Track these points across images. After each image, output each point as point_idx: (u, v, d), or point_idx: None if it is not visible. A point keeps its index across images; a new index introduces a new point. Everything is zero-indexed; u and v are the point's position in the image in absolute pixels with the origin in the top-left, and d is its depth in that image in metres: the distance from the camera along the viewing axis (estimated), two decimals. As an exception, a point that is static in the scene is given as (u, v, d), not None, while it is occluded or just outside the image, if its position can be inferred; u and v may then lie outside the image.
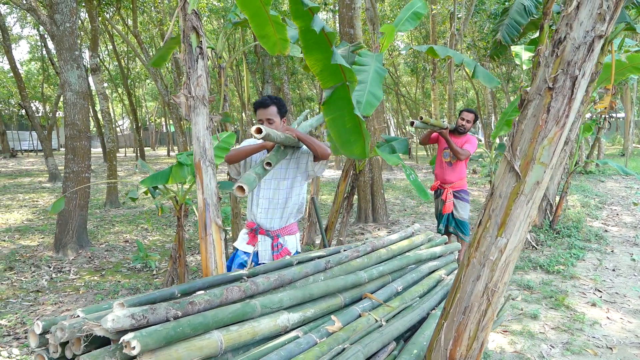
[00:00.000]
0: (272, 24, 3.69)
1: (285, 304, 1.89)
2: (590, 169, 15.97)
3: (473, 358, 1.64)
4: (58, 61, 6.88)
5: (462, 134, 5.46)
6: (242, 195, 2.29)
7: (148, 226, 8.73)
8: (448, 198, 5.48)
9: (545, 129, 1.48)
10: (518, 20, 6.98)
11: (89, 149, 7.05)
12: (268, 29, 3.72)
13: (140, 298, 1.64)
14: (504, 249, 1.56)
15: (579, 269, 5.59)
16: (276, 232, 3.03)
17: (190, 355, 1.49)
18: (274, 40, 3.83)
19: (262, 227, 3.05)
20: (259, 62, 12.49)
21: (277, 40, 3.81)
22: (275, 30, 3.75)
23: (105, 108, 11.31)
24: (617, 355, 3.54)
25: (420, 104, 25.54)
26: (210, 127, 2.89)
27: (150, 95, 40.19)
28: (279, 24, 3.73)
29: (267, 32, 3.74)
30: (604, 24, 1.42)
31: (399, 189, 13.73)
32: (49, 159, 16.01)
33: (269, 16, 3.61)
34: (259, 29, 3.73)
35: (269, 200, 3.06)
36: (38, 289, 5.32)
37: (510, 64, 16.28)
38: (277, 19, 3.71)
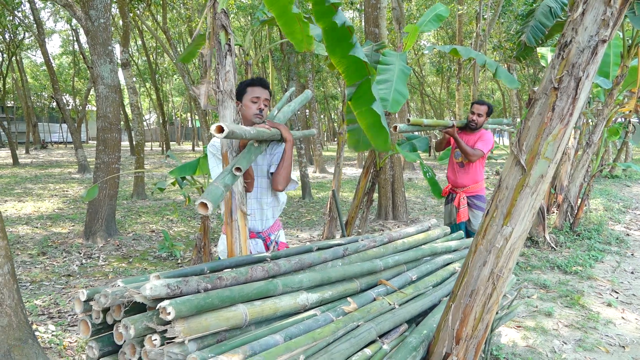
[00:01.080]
0: (299, 21, 3.85)
1: (305, 285, 2.04)
2: (617, 173, 15.75)
3: (478, 338, 1.76)
4: (92, 55, 7.16)
5: (475, 130, 4.83)
6: (206, 213, 1.98)
7: (175, 217, 8.99)
8: (461, 204, 4.84)
9: (550, 126, 1.59)
10: (543, 22, 6.99)
11: (119, 141, 7.31)
12: (295, 26, 3.88)
13: (174, 272, 1.81)
14: (509, 237, 1.67)
15: (596, 270, 5.62)
16: (267, 232, 2.91)
17: (218, 324, 1.65)
18: (301, 38, 3.98)
19: (252, 231, 2.88)
20: (284, 59, 12.68)
21: (304, 37, 3.97)
22: (302, 28, 3.90)
23: (135, 102, 11.64)
24: (629, 354, 3.60)
25: (445, 104, 25.44)
26: (237, 120, 3.06)
27: (177, 90, 40.84)
28: (303, 22, 3.89)
29: (294, 30, 3.90)
30: (608, 29, 1.52)
31: (421, 188, 13.77)
32: (79, 151, 16.49)
33: (293, 14, 3.76)
34: (286, 27, 3.89)
35: (258, 201, 2.89)
36: (69, 274, 5.58)
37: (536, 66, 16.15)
38: (300, 17, 3.86)
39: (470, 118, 4.78)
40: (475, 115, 4.74)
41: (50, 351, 3.38)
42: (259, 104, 2.80)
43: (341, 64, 4.13)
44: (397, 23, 11.84)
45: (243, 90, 2.83)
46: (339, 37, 3.64)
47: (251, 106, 2.81)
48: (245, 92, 2.82)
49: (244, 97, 2.83)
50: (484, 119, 4.77)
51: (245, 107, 2.82)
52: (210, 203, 1.96)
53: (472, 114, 4.77)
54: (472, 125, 4.78)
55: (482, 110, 4.74)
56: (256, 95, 2.80)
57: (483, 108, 4.75)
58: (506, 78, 5.06)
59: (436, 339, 1.84)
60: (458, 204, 4.85)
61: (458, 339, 1.76)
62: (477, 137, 4.79)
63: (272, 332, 1.69)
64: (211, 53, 2.81)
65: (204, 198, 1.97)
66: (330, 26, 3.56)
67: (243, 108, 2.84)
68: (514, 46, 12.86)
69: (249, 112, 2.81)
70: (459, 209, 4.83)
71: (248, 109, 2.81)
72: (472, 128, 4.79)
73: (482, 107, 4.75)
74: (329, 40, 3.88)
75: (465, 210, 4.82)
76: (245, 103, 2.82)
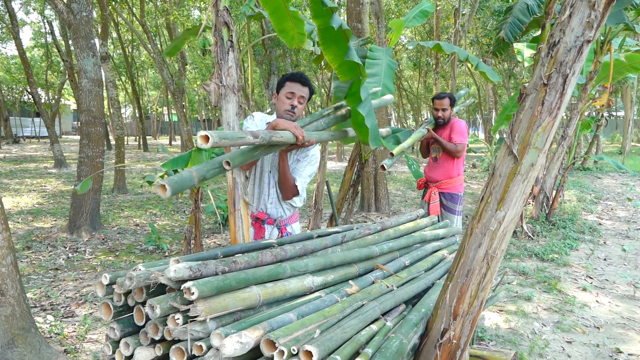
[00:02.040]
0: (292, 19, 3.95)
1: (311, 269, 2.17)
2: (588, 165, 16.26)
3: (473, 314, 1.91)
4: (74, 49, 7.12)
5: (445, 125, 4.76)
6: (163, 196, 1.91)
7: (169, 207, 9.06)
8: (432, 199, 4.71)
9: (540, 119, 1.75)
10: (521, 18, 7.22)
11: (104, 135, 7.30)
12: (287, 24, 3.98)
13: (191, 256, 1.92)
14: (502, 221, 1.83)
15: (572, 257, 5.88)
16: (285, 222, 3.01)
17: (235, 304, 1.77)
18: (292, 35, 4.08)
19: (271, 217, 2.96)
20: (266, 53, 12.73)
21: (296, 34, 4.07)
22: (294, 25, 4.01)
23: (114, 96, 11.55)
24: (603, 334, 3.83)
25: (422, 98, 25.76)
26: (239, 113, 3.16)
27: (152, 84, 40.35)
28: (298, 20, 3.99)
29: (286, 27, 4.00)
30: (592, 31, 1.68)
31: (400, 181, 14.01)
32: (55, 145, 16.25)
33: (288, 12, 3.87)
34: (279, 23, 3.99)
35: (277, 191, 2.97)
36: (56, 267, 5.59)
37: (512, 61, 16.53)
38: (296, 15, 3.97)
39: (435, 115, 4.73)
40: (440, 111, 4.69)
41: (51, 340, 3.44)
42: (292, 100, 2.80)
43: (335, 61, 4.26)
44: (376, 18, 11.99)
45: (282, 84, 2.85)
46: (334, 37, 3.76)
47: (285, 101, 2.81)
48: (283, 86, 2.83)
49: (281, 90, 2.83)
50: (450, 111, 4.70)
51: (279, 101, 2.84)
52: (170, 188, 1.88)
53: (436, 110, 4.71)
54: (440, 122, 4.73)
55: (445, 104, 4.67)
56: (292, 90, 2.80)
57: (445, 102, 4.67)
58: (488, 72, 5.25)
59: (434, 315, 1.99)
60: (429, 199, 4.75)
61: (455, 315, 1.91)
62: (448, 129, 4.72)
63: (286, 311, 1.82)
64: (216, 49, 2.90)
65: (166, 181, 1.88)
66: (326, 25, 3.69)
67: (278, 102, 2.85)
68: (491, 41, 13.15)
69: (282, 106, 2.82)
70: (429, 203, 4.72)
71: (282, 103, 2.82)
72: (442, 124, 4.74)
73: (444, 101, 4.68)
74: (323, 38, 4.00)
75: (436, 206, 4.69)
76: (280, 97, 2.83)
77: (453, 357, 1.92)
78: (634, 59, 7.83)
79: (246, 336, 1.55)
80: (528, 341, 3.66)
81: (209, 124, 46.28)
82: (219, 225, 7.58)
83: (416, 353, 2.01)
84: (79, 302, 4.43)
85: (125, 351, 1.88)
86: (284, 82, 2.85)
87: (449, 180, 4.73)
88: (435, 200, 4.70)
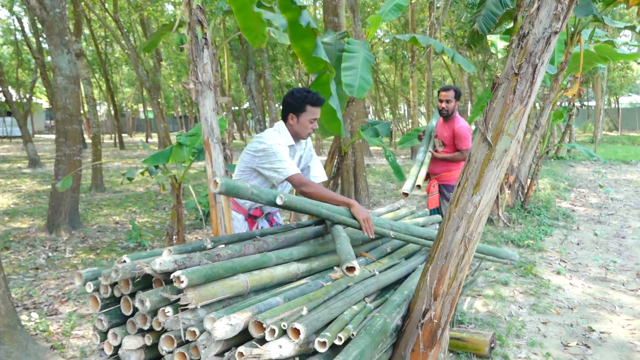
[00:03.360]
0: (256, 19, 4.00)
1: (295, 257, 2.24)
2: (562, 154, 16.63)
3: (453, 295, 2.00)
4: (48, 46, 7.03)
5: (448, 118, 4.72)
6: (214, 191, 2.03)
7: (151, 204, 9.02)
8: (431, 191, 4.77)
9: (512, 107, 1.84)
10: (494, 11, 7.35)
11: (81, 133, 7.24)
12: (252, 22, 4.03)
13: (180, 248, 1.97)
14: (478, 205, 1.92)
15: (546, 243, 6.07)
16: (273, 213, 3.15)
17: (223, 291, 1.82)
18: (255, 34, 4.14)
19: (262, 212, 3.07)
20: (243, 48, 12.69)
21: (258, 34, 4.14)
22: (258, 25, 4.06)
23: (90, 93, 11.41)
24: (577, 314, 3.99)
25: (399, 91, 25.96)
26: (216, 109, 3.20)
27: (127, 81, 39.78)
28: (261, 21, 4.06)
29: (251, 26, 4.06)
30: (559, 22, 1.77)
31: (379, 173, 14.14)
32: (29, 145, 15.95)
33: (253, 13, 3.92)
34: (244, 22, 4.04)
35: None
36: (37, 267, 5.55)
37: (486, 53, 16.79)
38: (259, 15, 4.03)
39: (440, 107, 4.68)
40: (444, 103, 4.64)
41: (37, 337, 3.44)
42: (314, 124, 2.89)
43: (303, 55, 4.33)
44: (352, 11, 12.06)
45: (302, 108, 2.84)
46: (302, 33, 3.84)
47: (308, 125, 2.88)
48: (304, 111, 2.84)
49: (302, 114, 2.84)
50: (454, 104, 4.66)
51: (300, 125, 2.87)
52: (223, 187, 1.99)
53: (440, 102, 4.67)
54: (443, 114, 4.69)
55: (449, 96, 4.63)
56: (315, 117, 2.87)
57: (450, 93, 4.64)
58: (463, 63, 5.36)
59: (416, 297, 2.08)
60: (428, 191, 4.80)
61: (436, 296, 1.99)
62: (451, 128, 4.66)
63: (273, 296, 1.88)
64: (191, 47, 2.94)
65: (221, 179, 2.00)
66: (295, 20, 3.76)
67: (298, 124, 2.87)
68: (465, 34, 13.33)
69: (305, 131, 2.90)
70: (429, 195, 4.79)
71: (304, 128, 2.88)
72: (445, 116, 4.71)
73: (449, 93, 4.64)
74: (292, 32, 4.07)
75: (435, 198, 4.73)
76: (301, 121, 2.86)
77: (434, 336, 2.01)
78: (603, 50, 8.06)
79: (235, 318, 1.62)
80: (505, 323, 3.78)
81: (186, 120, 45.89)
82: (200, 221, 7.59)
83: (399, 334, 2.09)
84: (62, 300, 4.42)
85: (113, 341, 1.93)
86: (303, 106, 2.84)
87: (448, 174, 4.76)
88: (434, 193, 4.72)
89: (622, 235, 6.52)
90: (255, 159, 2.79)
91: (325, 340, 1.62)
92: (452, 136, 4.65)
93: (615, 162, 15.33)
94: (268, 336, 1.60)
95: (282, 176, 2.69)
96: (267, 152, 2.73)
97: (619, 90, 29.94)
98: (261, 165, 2.76)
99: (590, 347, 3.44)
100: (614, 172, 13.12)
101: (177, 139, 4.34)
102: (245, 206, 3.00)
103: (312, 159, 3.17)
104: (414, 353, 2.04)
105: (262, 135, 2.85)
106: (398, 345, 2.10)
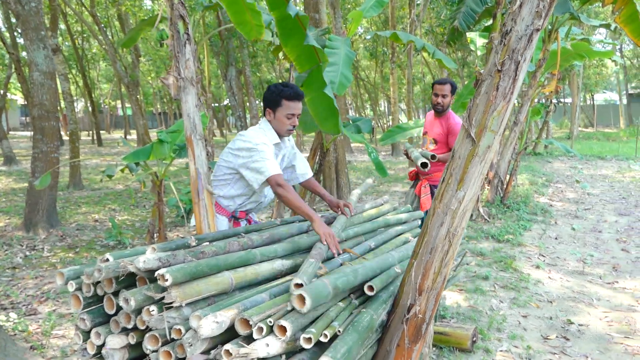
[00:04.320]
0: (249, 11, 3.96)
1: (280, 254, 2.23)
2: (539, 150, 16.89)
3: (437, 289, 2.02)
4: (24, 41, 6.88)
5: (442, 114, 4.34)
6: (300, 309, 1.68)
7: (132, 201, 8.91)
8: (423, 192, 4.36)
9: (495, 103, 1.86)
10: (474, 8, 7.42)
11: (58, 129, 7.11)
12: (245, 16, 3.99)
13: (164, 245, 1.95)
14: (462, 200, 1.93)
15: (525, 238, 6.16)
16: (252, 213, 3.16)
17: (208, 289, 1.81)
18: (250, 26, 4.10)
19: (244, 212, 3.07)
20: (223, 44, 12.60)
21: (254, 26, 4.09)
22: (252, 17, 4.02)
23: (67, 89, 11.21)
24: (556, 307, 4.06)
25: (380, 88, 26.04)
26: (198, 105, 3.17)
27: (104, 77, 39.16)
28: (255, 11, 4.01)
29: (244, 19, 4.02)
30: (541, 20, 1.79)
31: (360, 169, 14.19)
32: (4, 142, 15.61)
33: (245, 4, 3.88)
34: (237, 16, 4.00)
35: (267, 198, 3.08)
36: (14, 266, 5.44)
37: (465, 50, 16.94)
38: (252, 6, 3.98)
39: (434, 101, 4.30)
40: (440, 97, 4.25)
41: (16, 338, 3.38)
42: (293, 120, 2.82)
43: (293, 52, 4.31)
44: (332, 8, 12.06)
45: (278, 102, 2.78)
46: (291, 27, 3.81)
47: (285, 122, 2.81)
48: (280, 105, 2.77)
49: (278, 109, 2.78)
50: (450, 98, 4.29)
51: (278, 121, 2.81)
52: (310, 300, 1.66)
53: (436, 96, 4.27)
54: (438, 109, 4.31)
55: (446, 90, 4.23)
56: (292, 112, 2.79)
57: (447, 87, 4.24)
58: (444, 59, 5.40)
59: (401, 292, 2.09)
60: (419, 192, 4.45)
61: (420, 291, 2.01)
62: (445, 125, 4.31)
63: (259, 293, 1.88)
64: (173, 42, 2.90)
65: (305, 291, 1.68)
66: (283, 16, 3.73)
67: (274, 120, 2.82)
68: (445, 31, 13.44)
69: (282, 127, 2.82)
70: (420, 197, 4.41)
71: (282, 124, 2.81)
72: (439, 111, 4.33)
73: (445, 87, 4.24)
74: (281, 29, 4.03)
75: (428, 199, 4.32)
76: (278, 116, 2.80)
77: (419, 331, 2.03)
78: (580, 47, 8.21)
79: (221, 315, 1.61)
80: (487, 317, 3.84)
81: (165, 117, 45.36)
82: (182, 218, 7.52)
83: (384, 329, 2.11)
84: (41, 299, 4.34)
85: (96, 340, 1.90)
86: (279, 101, 2.77)
87: (438, 174, 4.36)
88: (425, 194, 4.36)
89: (599, 230, 6.66)
90: (239, 159, 2.74)
91: (310, 336, 1.62)
92: (446, 133, 4.30)
93: (591, 157, 15.63)
94: (256, 334, 1.59)
95: (263, 177, 2.63)
96: (251, 152, 2.68)
97: (594, 87, 30.49)
98: (244, 165, 2.71)
99: (569, 339, 3.51)
100: (589, 168, 13.39)
101: (158, 135, 4.29)
102: (229, 208, 2.99)
103: (295, 157, 3.14)
104: (399, 348, 2.06)
105: (246, 133, 2.80)
106: (383, 340, 2.12)
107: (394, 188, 10.81)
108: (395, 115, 16.60)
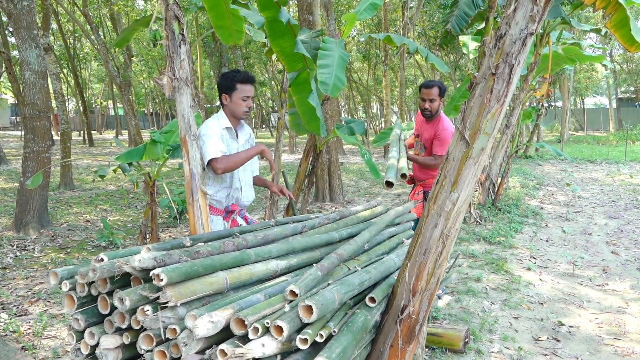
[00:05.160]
0: (230, 16, 3.97)
1: (274, 254, 2.23)
2: (530, 154, 17.01)
3: (431, 290, 2.03)
4: (15, 40, 6.84)
5: (432, 118, 4.11)
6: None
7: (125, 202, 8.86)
8: (416, 199, 4.23)
9: (489, 106, 1.87)
10: (467, 11, 7.48)
11: (50, 129, 7.07)
12: (225, 21, 4.00)
13: (159, 245, 1.95)
14: (456, 202, 1.95)
15: (517, 240, 6.21)
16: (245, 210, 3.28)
17: (203, 289, 1.81)
18: (230, 32, 4.11)
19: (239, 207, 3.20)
20: (216, 45, 12.58)
21: (233, 31, 4.10)
22: (232, 23, 4.03)
23: (58, 89, 11.14)
24: (547, 309, 4.09)
25: (372, 90, 26.10)
26: (193, 105, 3.17)
27: (96, 77, 38.95)
28: (237, 17, 4.02)
29: (224, 24, 4.03)
30: (534, 24, 1.81)
31: (353, 171, 14.21)
32: (-6, 141, 15.50)
33: (227, 9, 3.88)
34: (217, 19, 4.01)
35: (246, 182, 3.23)
36: (4, 266, 5.40)
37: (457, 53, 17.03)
38: (236, 12, 3.99)
39: (422, 106, 4.06)
40: (427, 102, 4.01)
41: (7, 338, 3.35)
42: (248, 101, 2.99)
43: (282, 53, 4.32)
44: (326, 10, 12.08)
45: (232, 86, 2.96)
46: (282, 30, 3.83)
47: (241, 104, 2.99)
48: (235, 89, 2.96)
49: (234, 92, 2.97)
50: (438, 102, 4.03)
51: (234, 104, 3.00)
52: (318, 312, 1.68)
53: (423, 101, 4.03)
54: (426, 114, 4.08)
55: (433, 94, 3.98)
56: (247, 94, 2.97)
57: (434, 91, 3.99)
58: (437, 62, 5.43)
59: (394, 293, 2.10)
60: (412, 197, 4.30)
61: (414, 292, 2.02)
62: (434, 130, 4.09)
63: (253, 293, 1.88)
64: (168, 43, 2.90)
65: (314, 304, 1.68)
66: (274, 18, 3.75)
67: (231, 103, 3.01)
68: (438, 34, 13.51)
69: (239, 109, 3.01)
70: (415, 202, 4.21)
71: (238, 106, 3.00)
72: (428, 117, 4.10)
73: (432, 91, 3.99)
74: (271, 30, 4.05)
75: (421, 206, 4.13)
76: (234, 99, 2.99)
77: (412, 332, 2.04)
78: (571, 52, 8.28)
79: (217, 315, 1.61)
80: (479, 318, 3.86)
81: (157, 117, 45.19)
82: (174, 219, 7.50)
83: (378, 330, 2.12)
84: (32, 300, 4.31)
85: (90, 340, 1.89)
86: (233, 84, 2.97)
87: (432, 180, 4.17)
88: (419, 201, 4.20)
89: (589, 232, 6.72)
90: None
91: (307, 337, 1.62)
92: (432, 139, 4.12)
93: (581, 161, 15.77)
94: (251, 334, 1.59)
95: (205, 160, 2.88)
96: (201, 137, 2.94)
97: (585, 91, 30.78)
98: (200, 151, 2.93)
99: (560, 340, 3.54)
100: (580, 171, 13.50)
101: (152, 136, 4.28)
102: (221, 204, 3.07)
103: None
104: (393, 349, 2.07)
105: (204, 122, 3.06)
106: (377, 341, 2.13)
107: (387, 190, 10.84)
108: (387, 117, 16.66)
